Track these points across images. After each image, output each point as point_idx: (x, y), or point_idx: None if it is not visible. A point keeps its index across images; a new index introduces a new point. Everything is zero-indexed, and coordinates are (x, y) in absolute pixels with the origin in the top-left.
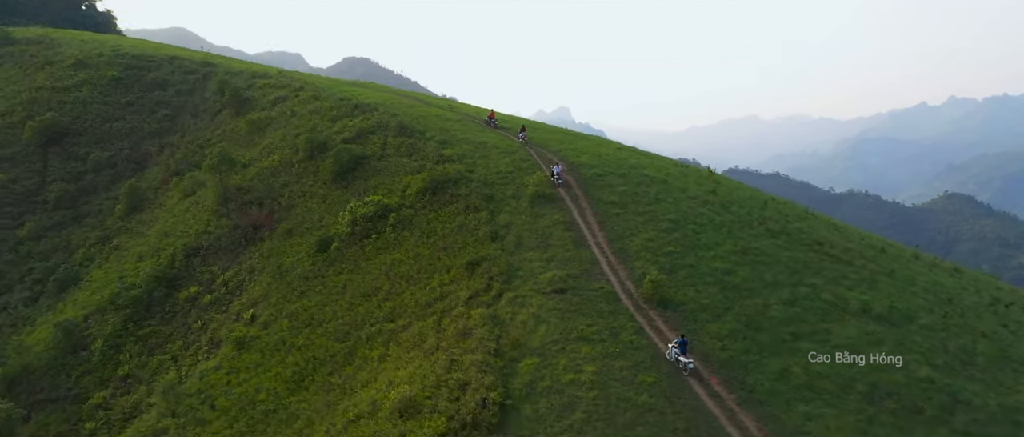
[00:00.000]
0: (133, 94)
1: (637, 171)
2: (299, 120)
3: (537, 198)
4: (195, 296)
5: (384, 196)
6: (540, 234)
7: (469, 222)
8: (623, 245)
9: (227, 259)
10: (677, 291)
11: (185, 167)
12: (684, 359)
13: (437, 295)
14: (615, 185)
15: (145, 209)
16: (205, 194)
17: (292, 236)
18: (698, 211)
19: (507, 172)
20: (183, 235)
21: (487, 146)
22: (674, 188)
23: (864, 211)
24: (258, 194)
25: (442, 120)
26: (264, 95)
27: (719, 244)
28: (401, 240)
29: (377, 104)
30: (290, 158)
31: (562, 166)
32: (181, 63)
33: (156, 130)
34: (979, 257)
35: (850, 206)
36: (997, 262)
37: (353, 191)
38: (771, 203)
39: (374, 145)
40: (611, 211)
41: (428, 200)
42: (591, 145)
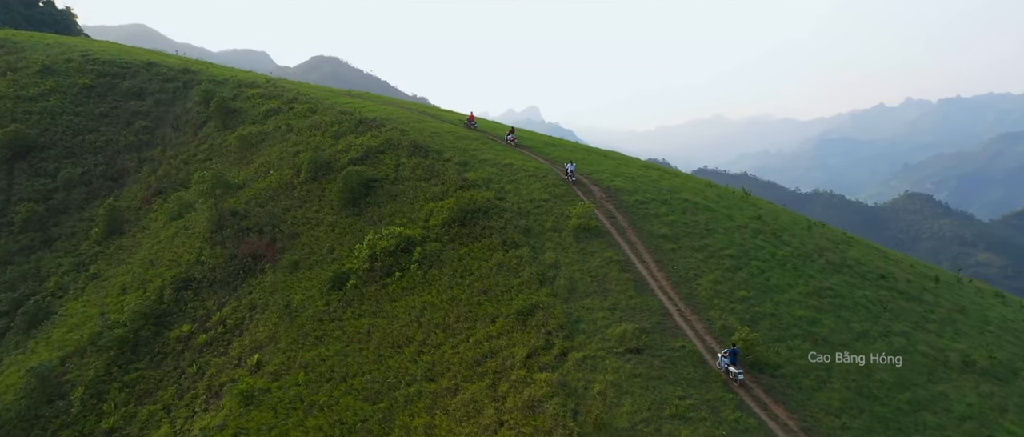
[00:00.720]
0: (107, 104)
1: (677, 196)
2: (297, 136)
3: (581, 232)
4: (188, 335)
5: (405, 226)
6: (594, 276)
7: (509, 260)
8: (691, 290)
9: (223, 293)
10: (769, 350)
11: (168, 186)
12: (734, 369)
13: (485, 351)
14: (661, 214)
15: (125, 232)
16: (195, 219)
17: (299, 269)
18: (754, 243)
19: (542, 200)
20: (172, 265)
21: (513, 168)
22: (720, 215)
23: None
24: (256, 220)
25: (457, 137)
26: (253, 106)
27: (791, 285)
28: (430, 279)
29: (383, 119)
30: (290, 179)
31: (574, 164)
32: (159, 70)
33: (134, 144)
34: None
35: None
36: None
37: (366, 219)
38: (815, 227)
39: (386, 166)
40: (665, 246)
41: (456, 232)
42: (617, 165)
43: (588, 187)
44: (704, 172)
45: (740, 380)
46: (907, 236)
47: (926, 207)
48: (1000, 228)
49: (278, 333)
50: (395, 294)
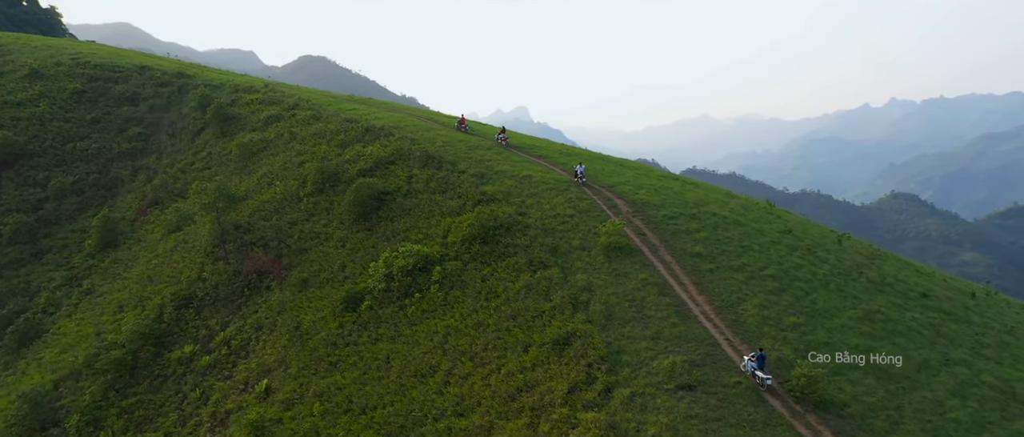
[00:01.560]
0: (99, 109)
1: (704, 209)
2: (301, 144)
3: (612, 251)
4: (190, 357)
5: (423, 243)
6: (631, 301)
7: (537, 282)
8: (736, 316)
9: (227, 312)
10: (831, 385)
11: (165, 196)
12: (762, 374)
13: (520, 384)
14: (692, 230)
15: (120, 245)
16: (196, 232)
17: (309, 288)
18: (792, 261)
19: (567, 215)
20: (171, 281)
21: (532, 181)
22: (752, 230)
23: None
24: (261, 234)
25: (470, 147)
26: (253, 112)
27: (839, 309)
28: (452, 302)
29: (390, 127)
30: (296, 191)
31: (584, 166)
32: (152, 74)
33: (127, 151)
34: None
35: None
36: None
37: (379, 234)
38: (846, 240)
39: (397, 178)
40: (702, 266)
41: (478, 251)
42: (637, 175)
43: (612, 201)
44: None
45: (768, 385)
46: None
47: (912, 207)
48: (984, 228)
49: (288, 357)
50: (415, 317)
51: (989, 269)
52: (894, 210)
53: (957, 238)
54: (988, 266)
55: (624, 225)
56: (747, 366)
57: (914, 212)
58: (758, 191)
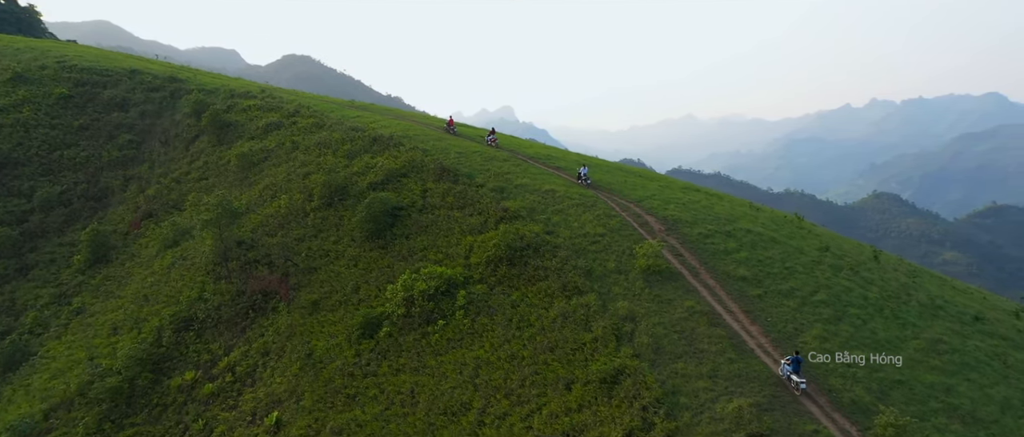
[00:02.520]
0: (87, 116)
1: (737, 226)
2: (305, 155)
3: (651, 274)
4: (191, 384)
5: (443, 264)
6: (680, 332)
7: (574, 310)
8: (795, 348)
9: (230, 335)
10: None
11: (160, 208)
12: (796, 378)
13: (566, 428)
14: (731, 250)
15: (112, 260)
16: (195, 248)
17: (320, 311)
18: (839, 284)
19: (597, 235)
20: (170, 301)
21: (556, 195)
22: (790, 249)
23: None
24: (265, 251)
25: (485, 158)
26: (251, 119)
27: (901, 339)
28: (480, 330)
29: (399, 136)
30: (302, 205)
31: (587, 167)
32: (143, 78)
33: (118, 159)
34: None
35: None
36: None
37: (394, 253)
38: (881, 256)
39: (411, 192)
40: (750, 292)
41: (505, 273)
42: (661, 187)
43: (642, 217)
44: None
45: (803, 389)
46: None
47: (894, 206)
48: (964, 227)
49: (300, 387)
50: (440, 346)
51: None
52: (876, 210)
53: (938, 237)
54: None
55: (663, 246)
56: (783, 370)
57: (896, 211)
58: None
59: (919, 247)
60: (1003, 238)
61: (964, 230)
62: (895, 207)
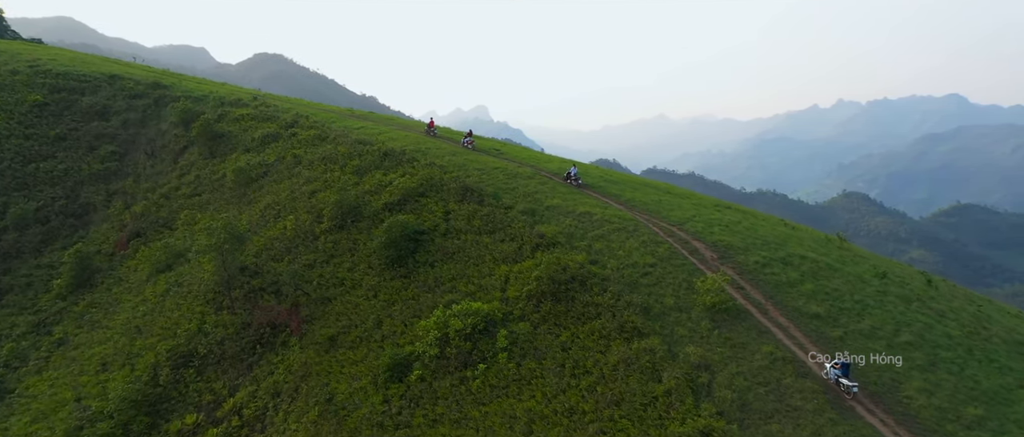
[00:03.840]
0: (64, 125)
1: (792, 252)
2: (309, 170)
3: (717, 313)
4: (193, 429)
5: (476, 296)
6: (766, 385)
7: (637, 356)
8: (903, 408)
9: (235, 373)
10: None
11: (148, 226)
12: (846, 382)
13: None
14: (793, 281)
15: (97, 285)
16: (191, 274)
17: (337, 347)
18: (918, 320)
19: (647, 265)
20: (166, 334)
21: (593, 219)
22: (850, 277)
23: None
24: (272, 278)
25: (508, 175)
26: (244, 130)
27: (1007, 389)
28: (528, 376)
29: (411, 151)
30: (310, 227)
31: (577, 168)
32: (124, 84)
33: (100, 173)
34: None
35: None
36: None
37: (418, 283)
38: (934, 280)
39: (433, 214)
40: (829, 333)
41: (549, 310)
42: (696, 206)
43: (689, 242)
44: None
45: (855, 393)
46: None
47: (863, 206)
48: (929, 226)
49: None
50: (483, 395)
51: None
52: (845, 209)
53: (905, 236)
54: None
55: (727, 280)
56: (830, 374)
57: (864, 211)
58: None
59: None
60: (967, 236)
61: (930, 229)
62: (864, 206)
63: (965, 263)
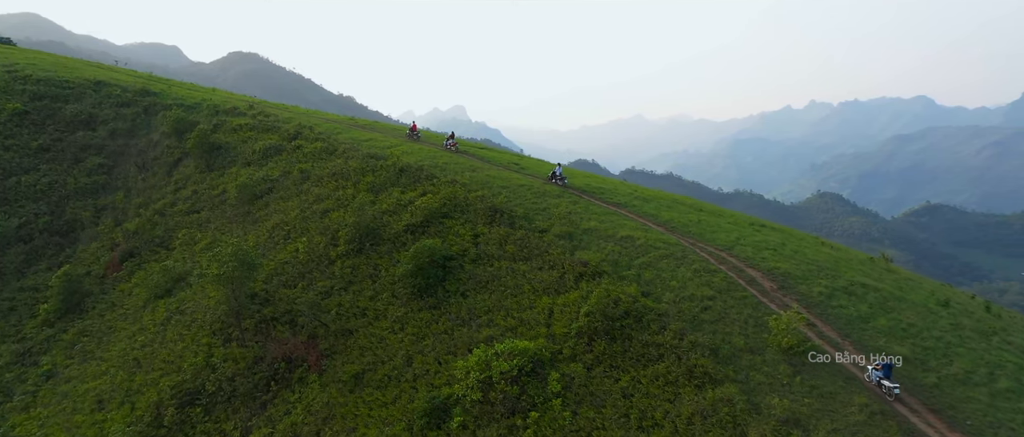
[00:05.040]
0: (47, 135)
1: (848, 278)
2: (319, 187)
3: (796, 356)
4: None
5: (518, 331)
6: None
7: (714, 407)
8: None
9: (246, 413)
10: None
11: (143, 245)
12: (888, 383)
13: None
14: (865, 316)
15: (87, 310)
16: (194, 300)
17: (363, 386)
18: (1007, 361)
19: (705, 298)
20: (169, 368)
21: (637, 243)
22: (920, 309)
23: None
24: (285, 306)
25: (536, 194)
26: (243, 141)
27: None
28: (588, 427)
29: (429, 167)
30: (325, 250)
31: (561, 167)
32: (110, 91)
33: (86, 187)
34: None
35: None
36: None
37: (450, 315)
38: (993, 308)
39: (460, 238)
40: (922, 379)
41: (604, 350)
42: (737, 228)
43: (743, 270)
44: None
45: (897, 394)
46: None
47: (837, 206)
48: (901, 225)
49: None
50: None
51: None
52: (820, 209)
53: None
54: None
55: (804, 319)
56: (872, 376)
57: (839, 210)
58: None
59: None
60: (937, 236)
61: (902, 228)
62: (838, 206)
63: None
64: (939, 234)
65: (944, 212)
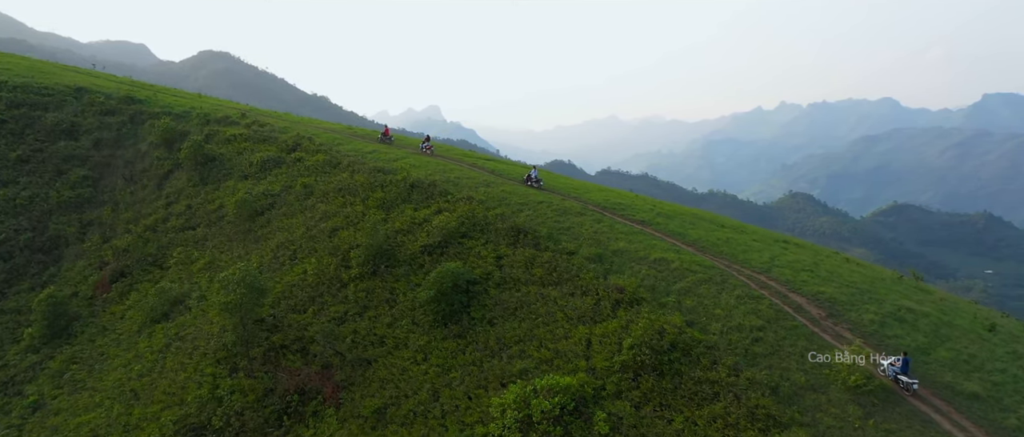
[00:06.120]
0: (27, 146)
1: (893, 303)
2: (325, 204)
3: (864, 395)
4: None
5: (556, 364)
6: None
7: None
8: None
9: None
10: None
11: (134, 264)
12: (906, 378)
13: None
14: (924, 347)
15: (76, 335)
16: (195, 325)
17: (387, 423)
18: None
19: (755, 329)
20: (171, 401)
21: (672, 267)
22: (967, 332)
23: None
24: (296, 334)
25: (559, 212)
26: (239, 153)
27: None
28: None
29: (442, 183)
30: (336, 271)
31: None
32: (93, 98)
33: (71, 201)
34: None
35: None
36: None
37: (478, 344)
38: None
39: (483, 260)
40: (1003, 420)
41: (653, 387)
42: (763, 245)
43: (787, 295)
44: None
45: (915, 390)
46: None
47: (808, 206)
48: (869, 225)
49: None
50: None
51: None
52: (792, 209)
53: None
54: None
55: (869, 353)
56: (888, 371)
57: (810, 210)
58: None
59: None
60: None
61: (870, 228)
62: (809, 206)
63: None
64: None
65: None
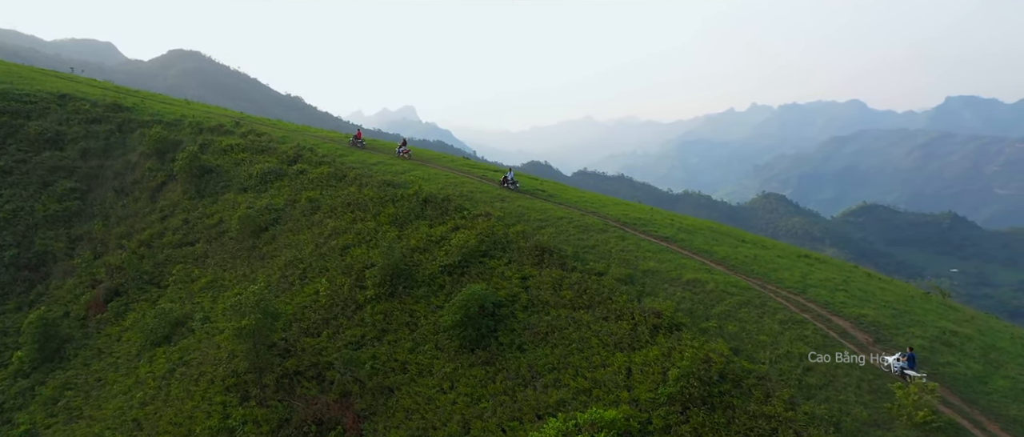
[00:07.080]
0: (9, 156)
1: (934, 324)
2: (334, 219)
3: (932, 433)
4: None
5: (600, 398)
6: None
7: None
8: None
9: None
10: None
11: (130, 282)
12: (913, 373)
13: None
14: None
15: (69, 359)
16: (200, 349)
17: None
18: None
19: (803, 357)
20: (178, 432)
21: (707, 289)
22: (1012, 354)
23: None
24: (310, 359)
25: (581, 229)
26: (237, 164)
27: None
28: None
29: (456, 196)
30: (350, 292)
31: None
32: (78, 106)
33: (58, 214)
34: None
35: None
36: None
37: (508, 372)
38: None
39: (508, 281)
40: None
41: (704, 422)
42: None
43: (829, 319)
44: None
45: (924, 382)
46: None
47: (781, 206)
48: (840, 225)
49: None
50: None
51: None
52: (765, 209)
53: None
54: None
55: (933, 388)
56: (894, 367)
57: (782, 211)
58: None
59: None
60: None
61: (840, 227)
62: (782, 207)
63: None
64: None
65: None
